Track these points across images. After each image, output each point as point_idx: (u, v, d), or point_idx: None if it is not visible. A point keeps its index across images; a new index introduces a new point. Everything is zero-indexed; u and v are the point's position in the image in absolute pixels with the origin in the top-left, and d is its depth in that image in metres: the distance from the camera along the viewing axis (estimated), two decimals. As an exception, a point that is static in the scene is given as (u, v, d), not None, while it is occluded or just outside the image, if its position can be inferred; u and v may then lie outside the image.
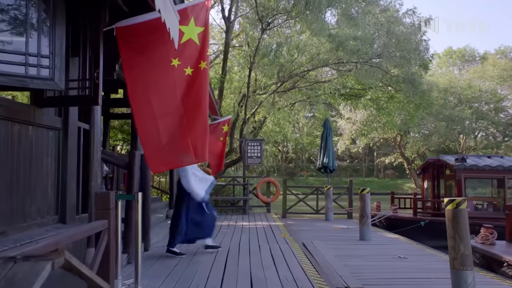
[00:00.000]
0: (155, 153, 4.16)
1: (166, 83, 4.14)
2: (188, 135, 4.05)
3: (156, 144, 4.11)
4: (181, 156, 4.07)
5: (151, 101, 4.12)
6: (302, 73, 15.53)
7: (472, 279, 4.81)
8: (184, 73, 4.15)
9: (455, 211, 4.99)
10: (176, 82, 4.11)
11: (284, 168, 47.04)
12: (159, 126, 4.07)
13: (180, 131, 4.06)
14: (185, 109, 4.07)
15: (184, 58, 4.19)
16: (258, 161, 14.53)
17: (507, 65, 41.58)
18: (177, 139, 4.06)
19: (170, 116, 4.08)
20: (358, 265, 6.29)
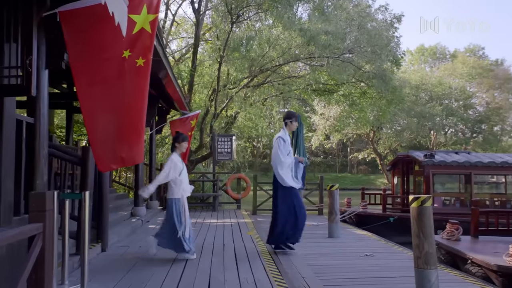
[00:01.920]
0: (104, 150, 3.85)
1: (116, 76, 3.83)
2: (134, 131, 3.76)
3: (105, 140, 3.81)
4: (128, 153, 3.78)
5: (99, 94, 3.81)
6: (273, 67, 15.32)
7: (435, 278, 4.71)
8: (135, 64, 3.85)
9: (420, 208, 4.87)
10: (126, 74, 3.81)
11: (258, 164, 46.90)
12: (107, 120, 3.77)
13: (128, 126, 3.77)
14: (133, 103, 3.78)
15: (136, 49, 3.89)
16: (228, 156, 14.27)
17: (476, 63, 42.51)
18: (125, 135, 3.77)
19: (118, 110, 3.78)
20: (323, 264, 6.14)
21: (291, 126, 6.83)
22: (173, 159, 6.05)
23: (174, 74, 9.22)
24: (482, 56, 45.39)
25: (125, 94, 3.77)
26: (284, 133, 6.75)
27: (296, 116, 6.93)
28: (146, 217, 10.13)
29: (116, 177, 14.29)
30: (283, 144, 6.61)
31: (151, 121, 11.11)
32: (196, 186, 14.67)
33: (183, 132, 11.67)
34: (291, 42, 14.62)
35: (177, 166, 6.02)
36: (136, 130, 3.75)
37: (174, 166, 5.99)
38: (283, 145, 6.60)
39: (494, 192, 14.03)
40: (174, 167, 5.99)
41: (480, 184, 15.81)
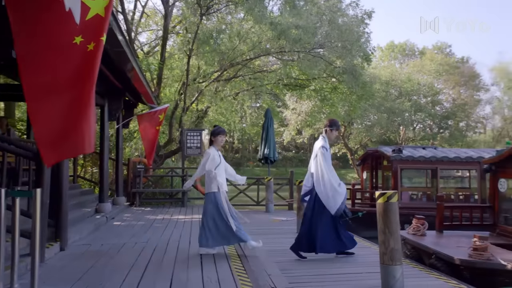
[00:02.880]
0: (50, 141, 3.59)
1: (66, 63, 3.59)
2: (82, 120, 3.54)
3: (51, 130, 3.56)
4: (74, 144, 3.56)
5: (45, 82, 3.56)
6: (244, 61, 15.15)
7: (400, 274, 4.70)
8: (86, 49, 3.62)
9: (386, 204, 4.84)
10: (76, 61, 3.58)
11: (230, 159, 46.70)
12: (53, 110, 3.52)
13: (76, 114, 3.54)
14: (82, 89, 3.56)
15: (88, 34, 3.66)
16: (198, 151, 14.06)
17: (443, 60, 43.48)
18: (73, 124, 3.54)
19: (66, 98, 3.54)
20: (291, 260, 6.07)
21: (330, 135, 6.46)
22: (210, 153, 6.05)
23: (140, 67, 8.95)
24: (449, 54, 46.53)
25: (74, 81, 3.55)
26: (325, 141, 6.42)
27: (338, 125, 6.56)
28: (112, 214, 9.84)
29: (81, 172, 13.86)
30: (327, 153, 6.29)
31: (117, 115, 10.79)
32: (164, 182, 14.44)
33: (150, 127, 11.47)
34: (261, 36, 14.47)
35: (214, 159, 6.01)
36: (85, 118, 3.54)
37: (211, 159, 5.99)
38: (327, 155, 6.29)
39: (459, 186, 14.35)
40: (212, 160, 5.98)
41: (446, 179, 16.16)
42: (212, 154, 6.04)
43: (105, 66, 7.68)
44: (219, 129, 6.27)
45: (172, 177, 13.90)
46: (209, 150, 6.10)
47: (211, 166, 5.99)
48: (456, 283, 5.11)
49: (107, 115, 10.01)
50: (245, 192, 13.23)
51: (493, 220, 7.78)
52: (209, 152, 6.06)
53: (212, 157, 6.01)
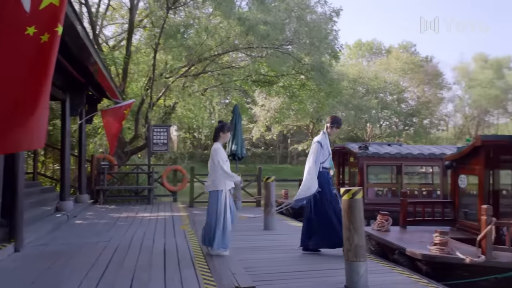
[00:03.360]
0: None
1: (17, 55, 3.39)
2: (35, 112, 3.36)
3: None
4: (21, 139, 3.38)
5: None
6: (212, 57, 14.97)
7: (364, 270, 4.73)
8: (40, 40, 3.43)
9: (351, 201, 4.86)
10: (29, 52, 3.38)
11: (199, 155, 46.31)
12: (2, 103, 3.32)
13: (27, 108, 3.36)
14: (35, 82, 3.37)
15: (42, 25, 3.46)
16: (164, 148, 13.81)
17: (408, 59, 44.52)
18: (23, 118, 3.35)
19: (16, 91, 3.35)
20: (256, 258, 6.03)
21: (330, 131, 6.59)
22: (220, 148, 5.81)
23: (103, 61, 8.67)
24: (414, 53, 47.68)
25: (26, 73, 3.36)
26: (324, 137, 6.54)
27: (338, 123, 6.66)
28: (73, 212, 9.51)
29: (42, 169, 13.37)
30: (320, 149, 6.41)
31: (80, 110, 10.45)
32: (130, 179, 14.12)
33: (115, 122, 11.16)
34: (230, 31, 14.33)
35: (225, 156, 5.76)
36: (37, 111, 3.36)
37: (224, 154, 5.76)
38: (320, 150, 6.40)
39: (423, 182, 14.70)
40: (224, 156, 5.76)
41: (411, 175, 16.53)
42: (222, 149, 5.84)
43: (65, 59, 7.38)
44: (229, 125, 6.17)
45: (138, 174, 13.59)
46: (218, 145, 5.86)
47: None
48: (418, 277, 5.19)
49: (68, 110, 9.66)
50: (212, 189, 13.09)
51: (454, 215, 7.98)
52: (220, 148, 5.84)
53: (223, 153, 5.80)
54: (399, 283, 4.96)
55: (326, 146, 6.53)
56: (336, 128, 6.61)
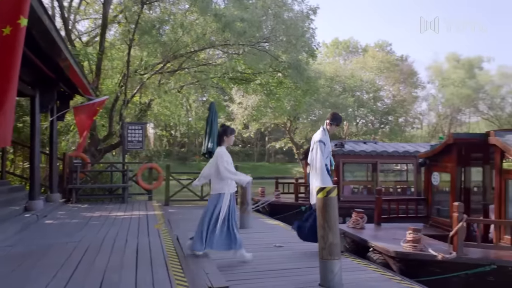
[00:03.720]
0: None
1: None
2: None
3: None
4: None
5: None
6: (188, 54, 14.77)
7: (338, 268, 4.73)
8: (1, 33, 3.27)
9: (325, 199, 4.85)
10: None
11: (176, 153, 45.91)
12: None
13: None
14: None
15: (2, 17, 3.31)
16: (139, 145, 13.56)
17: (384, 57, 45.13)
18: None
19: None
20: (230, 257, 5.96)
21: (329, 128, 6.62)
22: (225, 152, 5.81)
23: (74, 56, 8.42)
24: (389, 52, 48.36)
25: None
26: (324, 134, 6.54)
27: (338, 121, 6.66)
28: (44, 212, 9.23)
29: (11, 167, 12.97)
30: (324, 148, 6.42)
31: (51, 107, 10.14)
32: (104, 177, 13.84)
33: (87, 119, 10.90)
34: (206, 28, 14.16)
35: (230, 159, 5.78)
36: (3, 108, 3.21)
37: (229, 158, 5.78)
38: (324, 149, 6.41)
39: (398, 180, 14.92)
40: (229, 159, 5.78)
41: (386, 172, 16.75)
42: (226, 153, 5.86)
43: (34, 53, 7.13)
44: (232, 129, 6.17)
45: (112, 172, 13.32)
46: (223, 150, 5.87)
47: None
48: (391, 275, 5.23)
49: (38, 106, 9.35)
50: (188, 187, 12.96)
51: (427, 212, 8.10)
52: (225, 152, 5.85)
53: (228, 156, 5.82)
54: (373, 281, 4.98)
55: (327, 144, 6.57)
56: (335, 126, 6.64)
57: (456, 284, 5.40)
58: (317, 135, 6.53)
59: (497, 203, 6.35)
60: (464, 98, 44.07)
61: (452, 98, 44.91)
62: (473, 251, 5.59)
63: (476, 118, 51.10)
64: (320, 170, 6.34)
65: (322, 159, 6.34)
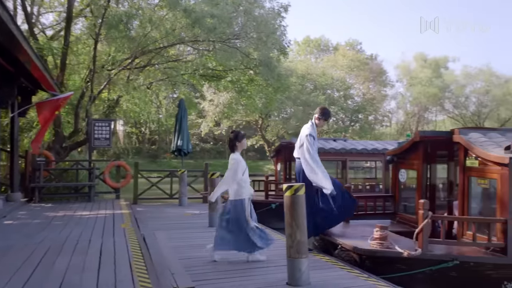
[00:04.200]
0: None
1: None
2: None
3: None
4: None
5: None
6: (157, 49, 14.48)
7: (306, 266, 4.71)
8: None
9: (293, 197, 4.81)
10: None
11: (146, 150, 45.18)
12: None
13: None
14: None
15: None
16: (106, 143, 13.23)
17: (354, 56, 45.74)
18: None
19: None
20: (198, 256, 5.86)
21: (318, 123, 6.60)
22: (237, 158, 5.71)
23: (34, 50, 8.09)
24: (359, 51, 49.06)
25: None
26: (313, 128, 6.47)
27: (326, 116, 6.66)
28: (3, 212, 8.87)
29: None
30: (313, 141, 6.38)
31: (11, 102, 9.75)
32: (69, 175, 13.42)
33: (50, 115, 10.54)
34: (175, 23, 13.92)
35: (242, 165, 5.72)
36: None
37: (242, 165, 5.70)
38: (313, 142, 6.37)
39: (367, 177, 15.13)
40: (242, 166, 5.71)
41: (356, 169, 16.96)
42: (239, 159, 5.74)
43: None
44: (242, 133, 6.01)
45: (77, 170, 12.92)
46: (236, 156, 5.75)
47: (241, 173, 5.70)
48: (358, 272, 5.25)
49: (-3, 102, 8.97)
50: (157, 185, 12.73)
51: (394, 209, 8.21)
52: (238, 158, 5.73)
53: (240, 162, 5.72)
54: (340, 278, 4.98)
55: (316, 138, 6.57)
56: (324, 120, 6.64)
57: (421, 280, 5.48)
58: (305, 130, 6.51)
59: (460, 200, 6.49)
60: (431, 97, 45.16)
61: (420, 97, 45.94)
62: (437, 247, 5.68)
63: (442, 116, 52.51)
64: (316, 164, 6.34)
65: (314, 153, 6.35)
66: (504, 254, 5.57)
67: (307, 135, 6.40)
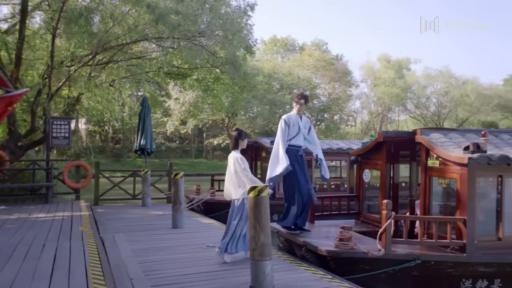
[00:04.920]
0: None
1: None
2: None
3: None
4: None
5: None
6: (119, 46, 14.04)
7: (270, 269, 4.61)
8: None
9: (257, 198, 4.70)
10: None
11: (110, 149, 44.07)
12: None
13: None
14: None
15: None
16: (66, 142, 12.72)
17: (320, 56, 46.27)
18: None
19: None
20: (160, 260, 5.66)
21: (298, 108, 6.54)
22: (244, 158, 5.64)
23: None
24: (325, 51, 49.66)
25: None
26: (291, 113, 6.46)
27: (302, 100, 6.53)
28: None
29: None
30: (285, 127, 6.33)
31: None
32: (25, 176, 12.82)
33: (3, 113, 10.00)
34: (138, 20, 13.52)
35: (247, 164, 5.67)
36: None
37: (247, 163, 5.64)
38: (285, 128, 6.32)
39: (333, 176, 15.22)
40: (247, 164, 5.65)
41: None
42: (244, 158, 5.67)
43: None
44: (246, 132, 5.97)
45: (34, 170, 12.36)
46: (241, 155, 5.68)
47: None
48: (323, 273, 5.20)
49: None
50: (120, 185, 12.35)
51: (358, 209, 8.25)
52: (244, 158, 5.65)
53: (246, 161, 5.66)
54: (303, 280, 4.92)
55: (293, 123, 6.45)
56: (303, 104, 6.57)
57: (385, 279, 5.49)
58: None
59: (422, 199, 6.56)
60: (394, 97, 46.23)
61: (383, 97, 46.96)
62: (400, 247, 5.71)
63: (405, 116, 53.94)
64: (274, 152, 6.31)
65: (280, 140, 6.31)
66: (463, 252, 5.67)
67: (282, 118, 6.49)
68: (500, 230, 5.94)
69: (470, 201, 5.70)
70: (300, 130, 6.55)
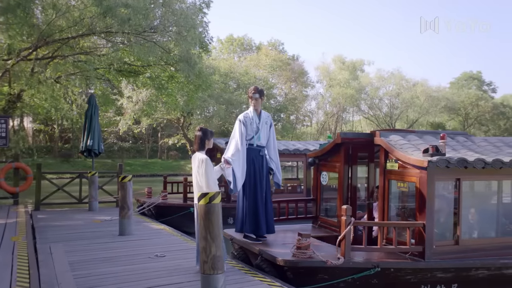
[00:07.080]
0: None
1: None
2: None
3: None
4: None
5: None
6: (64, 40, 13.13)
7: (222, 283, 4.23)
8: None
9: (208, 206, 4.29)
10: None
11: (58, 149, 41.99)
12: None
13: None
14: None
15: None
16: (2, 142, 11.72)
17: (277, 56, 46.30)
18: None
19: None
20: (101, 273, 5.14)
21: (253, 103, 6.17)
22: (208, 160, 5.18)
23: None
24: (282, 51, 49.74)
25: None
26: (247, 112, 6.09)
27: (256, 95, 6.14)
28: None
29: None
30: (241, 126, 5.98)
31: None
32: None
33: None
34: (85, 12, 12.70)
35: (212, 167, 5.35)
36: None
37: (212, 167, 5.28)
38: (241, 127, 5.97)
39: (289, 177, 15.01)
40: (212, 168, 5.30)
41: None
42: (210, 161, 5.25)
43: None
44: (211, 131, 5.56)
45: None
46: (206, 157, 5.22)
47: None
48: (279, 285, 4.87)
49: None
50: (64, 188, 11.52)
51: (316, 212, 7.99)
52: (209, 160, 5.22)
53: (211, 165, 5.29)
54: (258, 294, 4.56)
55: (250, 121, 6.10)
56: (258, 98, 6.18)
57: (344, 289, 5.24)
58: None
59: (381, 202, 6.38)
60: (348, 98, 47.01)
61: (338, 98, 47.64)
62: (359, 255, 5.47)
63: (359, 116, 55.10)
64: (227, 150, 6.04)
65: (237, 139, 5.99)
66: (422, 258, 5.52)
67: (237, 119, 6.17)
68: (457, 234, 5.84)
69: (429, 206, 5.55)
70: (259, 129, 6.17)
